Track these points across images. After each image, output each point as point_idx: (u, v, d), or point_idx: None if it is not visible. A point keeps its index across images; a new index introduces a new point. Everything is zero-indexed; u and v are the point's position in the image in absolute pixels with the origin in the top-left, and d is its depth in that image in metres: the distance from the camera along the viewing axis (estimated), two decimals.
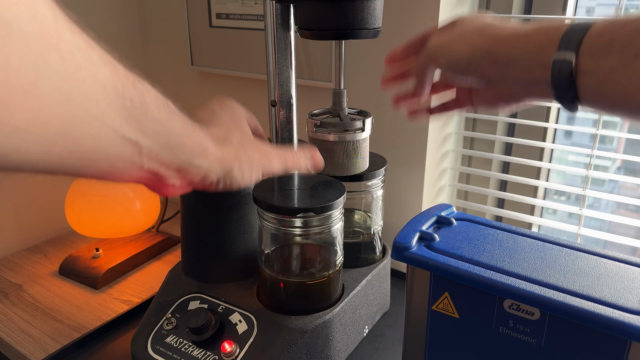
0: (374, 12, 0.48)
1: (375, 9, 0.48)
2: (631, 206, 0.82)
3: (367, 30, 0.48)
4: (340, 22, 0.48)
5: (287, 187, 0.59)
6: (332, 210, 0.55)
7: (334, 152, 0.58)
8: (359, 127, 0.58)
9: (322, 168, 0.48)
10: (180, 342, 0.59)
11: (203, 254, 0.65)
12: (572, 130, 0.81)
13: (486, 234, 0.51)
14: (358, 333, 0.67)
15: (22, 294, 0.80)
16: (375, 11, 0.49)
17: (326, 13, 0.47)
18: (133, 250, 0.88)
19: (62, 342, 0.68)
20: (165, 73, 1.10)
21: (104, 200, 0.83)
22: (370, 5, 0.47)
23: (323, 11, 0.47)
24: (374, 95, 0.82)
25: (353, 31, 0.48)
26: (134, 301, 0.78)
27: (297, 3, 0.51)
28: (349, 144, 0.58)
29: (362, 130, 0.58)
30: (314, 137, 0.59)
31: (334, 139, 0.58)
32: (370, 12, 0.48)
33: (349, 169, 0.60)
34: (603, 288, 0.41)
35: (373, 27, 0.49)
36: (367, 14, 0.47)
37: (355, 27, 0.48)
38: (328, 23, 0.48)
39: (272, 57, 0.55)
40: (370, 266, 0.69)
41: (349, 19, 0.48)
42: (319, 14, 0.48)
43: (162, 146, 0.33)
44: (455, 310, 0.47)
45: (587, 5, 0.77)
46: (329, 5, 0.47)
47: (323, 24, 0.48)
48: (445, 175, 0.88)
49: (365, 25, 0.48)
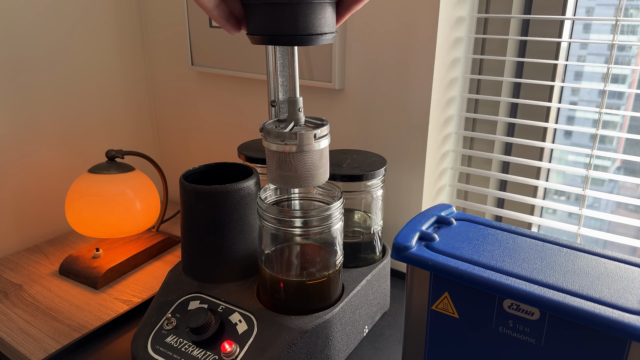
0: (316, 18, 0.45)
1: (313, 14, 0.45)
2: (631, 206, 0.82)
3: (314, 36, 0.45)
4: (286, 28, 0.45)
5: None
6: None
7: (270, 161, 0.55)
8: (291, 140, 0.52)
9: None
10: (180, 342, 0.59)
11: (203, 254, 0.65)
12: (571, 130, 0.81)
13: (486, 234, 0.51)
14: (358, 333, 0.67)
15: (22, 294, 0.80)
16: (312, 17, 0.45)
17: (269, 17, 0.45)
18: (133, 250, 0.88)
19: (62, 342, 0.68)
20: (165, 73, 1.10)
21: (104, 200, 0.83)
22: (309, 10, 0.45)
23: (266, 16, 0.45)
24: (374, 95, 0.82)
25: (296, 37, 0.45)
26: (134, 301, 0.78)
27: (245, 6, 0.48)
28: (281, 155, 0.53)
29: (295, 144, 0.53)
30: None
31: (267, 146, 0.54)
32: (312, 17, 0.45)
33: (286, 182, 0.54)
34: (603, 288, 0.41)
35: (320, 32, 0.45)
36: (308, 19, 0.44)
37: (300, 33, 0.45)
38: (272, 28, 0.45)
39: (272, 57, 0.55)
40: (370, 266, 0.70)
41: (293, 24, 0.45)
42: (263, 19, 0.45)
43: None
44: (455, 310, 0.47)
45: (587, 5, 0.78)
46: (272, 10, 0.44)
47: (269, 29, 0.46)
48: (445, 175, 0.88)
49: (310, 31, 0.45)
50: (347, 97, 0.85)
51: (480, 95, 0.84)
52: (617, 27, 0.68)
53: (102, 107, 1.06)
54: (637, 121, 0.80)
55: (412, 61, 0.76)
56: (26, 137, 0.94)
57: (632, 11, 0.76)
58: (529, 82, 0.79)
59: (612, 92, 0.72)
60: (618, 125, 0.85)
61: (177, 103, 1.12)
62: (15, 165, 0.93)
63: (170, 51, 1.07)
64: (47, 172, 0.98)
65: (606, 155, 0.74)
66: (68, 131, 1.00)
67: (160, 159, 1.21)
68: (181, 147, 1.16)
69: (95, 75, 1.03)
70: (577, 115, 0.87)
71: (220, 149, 1.08)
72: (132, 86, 1.10)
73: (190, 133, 1.12)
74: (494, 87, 0.84)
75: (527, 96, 0.82)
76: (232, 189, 0.62)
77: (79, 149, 1.02)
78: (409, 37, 0.76)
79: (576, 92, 0.88)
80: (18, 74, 0.90)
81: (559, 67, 0.79)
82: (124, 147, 1.10)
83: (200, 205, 0.63)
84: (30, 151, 0.95)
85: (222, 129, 1.06)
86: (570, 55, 0.80)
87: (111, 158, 0.86)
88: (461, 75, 0.83)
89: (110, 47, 1.04)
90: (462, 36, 0.80)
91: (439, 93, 0.78)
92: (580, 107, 0.81)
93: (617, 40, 0.69)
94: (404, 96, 0.79)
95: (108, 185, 0.84)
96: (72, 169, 1.00)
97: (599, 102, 0.72)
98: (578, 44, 0.80)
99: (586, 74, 0.84)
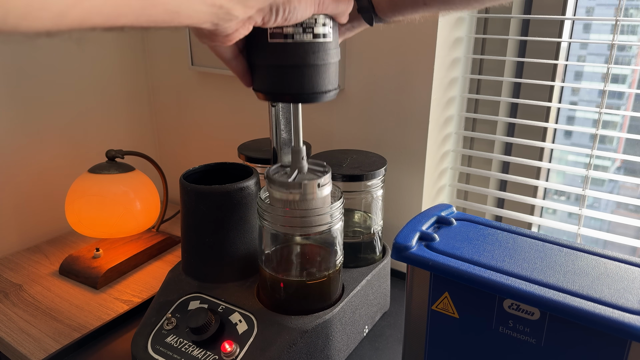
0: (322, 77, 0.47)
1: (319, 74, 0.47)
2: (631, 206, 0.82)
3: (317, 94, 0.47)
4: (291, 88, 0.47)
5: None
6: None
7: (274, 207, 0.56)
8: (295, 189, 0.54)
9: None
10: (180, 342, 0.59)
11: (203, 254, 0.65)
12: (571, 130, 0.81)
13: (486, 234, 0.51)
14: (358, 333, 0.67)
15: (22, 294, 0.80)
16: (318, 77, 0.47)
17: (276, 77, 0.46)
18: (133, 250, 0.88)
19: (62, 342, 0.68)
20: (165, 73, 1.10)
21: (104, 200, 0.83)
22: (315, 72, 0.46)
23: (273, 76, 0.47)
24: (374, 95, 0.82)
25: (302, 95, 0.47)
26: (134, 301, 0.78)
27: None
28: (285, 203, 0.55)
29: (299, 193, 0.54)
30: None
31: (271, 194, 0.56)
32: (318, 77, 0.47)
33: (290, 227, 0.57)
34: (603, 288, 0.41)
35: (325, 90, 0.47)
36: (313, 79, 0.46)
37: (306, 92, 0.46)
38: (279, 88, 0.47)
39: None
40: (370, 266, 0.70)
41: (299, 84, 0.46)
42: (269, 78, 0.47)
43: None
44: (455, 310, 0.47)
45: (587, 5, 0.78)
46: (278, 71, 0.46)
47: (275, 89, 0.47)
48: (445, 175, 0.88)
49: (315, 90, 0.47)
50: (347, 97, 0.85)
51: (480, 95, 0.84)
52: (617, 27, 0.68)
53: (102, 107, 1.06)
54: (637, 121, 0.80)
55: (412, 61, 0.76)
56: (26, 137, 0.94)
57: (632, 11, 0.76)
58: (529, 82, 0.79)
59: (612, 92, 0.72)
60: (618, 125, 0.85)
61: (177, 103, 1.12)
62: (15, 165, 0.93)
63: (171, 51, 1.07)
64: (47, 172, 0.98)
65: (606, 155, 0.74)
66: (68, 131, 1.00)
67: (160, 159, 1.21)
68: (181, 147, 1.16)
69: (96, 75, 1.03)
70: (577, 115, 0.87)
71: (220, 149, 1.08)
72: (132, 86, 1.10)
73: (190, 133, 1.12)
74: (494, 87, 0.84)
75: (527, 96, 0.82)
76: (232, 189, 0.62)
77: (79, 149, 1.02)
78: (408, 36, 0.76)
79: (576, 92, 0.88)
80: (19, 75, 0.90)
81: (559, 67, 0.79)
82: (124, 147, 1.09)
83: (200, 205, 0.63)
84: (30, 151, 0.95)
85: (222, 129, 1.06)
86: (570, 55, 0.80)
87: (111, 158, 0.86)
88: (461, 75, 0.83)
89: (110, 47, 1.04)
90: (462, 36, 0.80)
91: (439, 93, 0.78)
92: (580, 107, 0.81)
93: (617, 40, 0.69)
94: (404, 96, 0.79)
95: (108, 185, 0.84)
96: (72, 169, 1.00)
97: (599, 102, 0.72)
98: (578, 44, 0.80)
99: (586, 74, 0.84)
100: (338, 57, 0.48)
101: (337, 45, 0.47)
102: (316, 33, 0.44)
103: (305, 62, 0.45)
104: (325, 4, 0.41)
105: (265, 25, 0.38)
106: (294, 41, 0.43)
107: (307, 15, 0.40)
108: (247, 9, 0.35)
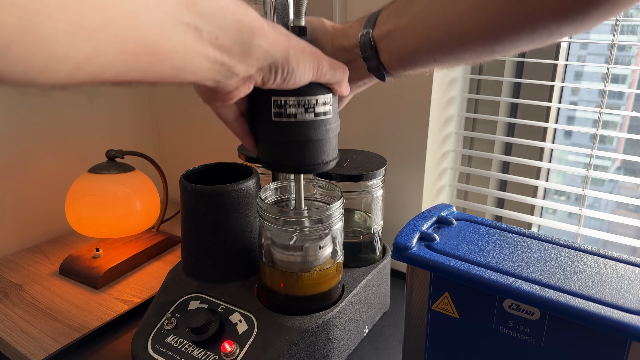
0: (319, 151, 0.49)
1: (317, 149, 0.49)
2: (631, 206, 0.82)
3: (317, 165, 0.49)
4: (291, 161, 0.49)
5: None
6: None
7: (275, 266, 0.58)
8: (297, 251, 0.56)
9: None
10: (180, 342, 0.59)
11: (203, 254, 0.65)
12: (571, 130, 0.81)
13: (486, 234, 0.51)
14: (358, 333, 0.67)
15: (22, 294, 0.80)
16: (316, 151, 0.49)
17: (278, 152, 0.49)
18: (133, 250, 0.88)
19: (62, 342, 0.68)
20: None
21: (104, 200, 0.83)
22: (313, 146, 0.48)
23: (275, 150, 0.49)
24: (374, 94, 0.82)
25: (303, 167, 0.49)
26: (134, 301, 0.78)
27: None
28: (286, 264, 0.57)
29: (300, 255, 0.57)
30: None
31: (273, 254, 0.58)
32: (316, 151, 0.49)
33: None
34: (603, 288, 0.41)
35: (325, 161, 0.50)
36: (314, 153, 0.48)
37: (307, 165, 0.49)
38: (282, 160, 0.49)
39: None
40: (370, 266, 0.70)
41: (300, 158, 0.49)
42: (271, 152, 0.49)
43: (221, 28, 0.33)
44: (455, 310, 0.47)
45: None
46: (281, 146, 0.48)
47: (277, 161, 0.49)
48: (445, 175, 0.88)
49: (316, 162, 0.49)
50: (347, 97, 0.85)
51: (480, 95, 0.84)
52: (617, 27, 0.68)
53: (102, 107, 1.06)
54: (637, 121, 0.80)
55: None
56: (26, 137, 0.94)
57: (632, 11, 0.76)
58: (529, 82, 0.79)
59: (612, 92, 0.72)
60: (618, 125, 0.85)
61: (177, 103, 1.12)
62: (15, 165, 0.93)
63: None
64: (47, 172, 0.98)
65: (606, 155, 0.74)
66: (68, 131, 1.00)
67: (160, 159, 1.21)
68: (181, 147, 1.16)
69: None
70: (577, 115, 0.87)
71: (220, 149, 1.08)
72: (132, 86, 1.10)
73: (190, 133, 1.12)
74: (494, 87, 0.84)
75: (527, 96, 0.82)
76: (232, 189, 0.62)
77: (79, 149, 1.02)
78: None
79: (576, 92, 0.88)
80: None
81: (559, 67, 0.79)
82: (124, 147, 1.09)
83: (200, 205, 0.62)
84: (30, 151, 0.95)
85: (222, 129, 1.06)
86: (570, 55, 0.81)
87: (111, 158, 0.86)
88: (461, 75, 0.83)
89: None
90: None
91: (439, 93, 0.78)
92: (580, 107, 0.81)
93: (617, 40, 0.69)
94: (404, 96, 0.79)
95: (108, 185, 0.84)
96: (72, 169, 1.00)
97: (599, 102, 0.72)
98: (578, 44, 0.80)
99: (586, 74, 0.84)
100: (338, 130, 0.50)
101: (337, 119, 0.50)
102: (317, 112, 0.46)
103: (307, 138, 0.47)
104: (323, 71, 0.43)
105: (265, 85, 0.40)
106: (296, 120, 0.46)
107: (305, 80, 0.41)
108: (248, 67, 0.36)
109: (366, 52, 0.46)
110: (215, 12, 0.32)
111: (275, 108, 0.46)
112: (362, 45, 0.46)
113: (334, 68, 0.44)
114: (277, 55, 0.37)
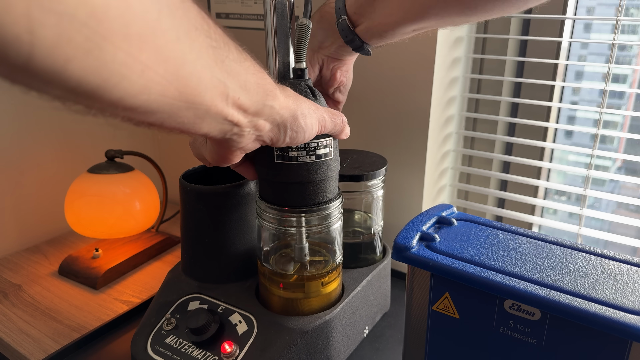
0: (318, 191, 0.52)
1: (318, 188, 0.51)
2: (632, 206, 0.82)
3: (318, 204, 0.52)
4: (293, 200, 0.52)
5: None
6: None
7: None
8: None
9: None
10: (180, 343, 0.59)
11: (203, 254, 0.64)
12: (572, 130, 0.81)
13: (487, 234, 0.51)
14: (358, 333, 0.67)
15: (22, 294, 0.80)
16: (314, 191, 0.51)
17: (285, 192, 0.51)
18: (133, 251, 0.88)
19: (62, 342, 0.68)
20: None
21: (104, 200, 0.83)
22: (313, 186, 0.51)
23: (277, 190, 0.51)
24: (374, 94, 0.82)
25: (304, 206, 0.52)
26: (133, 301, 0.77)
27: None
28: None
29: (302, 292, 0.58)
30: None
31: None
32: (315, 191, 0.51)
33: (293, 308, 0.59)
34: (604, 288, 0.41)
35: (326, 199, 0.52)
36: (315, 192, 0.51)
37: (307, 204, 0.51)
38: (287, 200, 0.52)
39: (272, 56, 0.55)
40: (370, 266, 0.69)
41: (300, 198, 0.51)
42: (274, 192, 0.52)
43: (242, 88, 0.34)
44: (456, 311, 0.47)
45: (587, 5, 0.77)
46: (283, 186, 0.51)
47: (279, 200, 0.52)
48: (446, 175, 0.88)
49: (317, 201, 0.52)
50: (347, 97, 0.85)
51: (480, 95, 0.84)
52: (617, 27, 0.68)
53: None
54: (637, 121, 0.79)
55: (413, 60, 0.76)
56: (26, 137, 0.93)
57: (632, 11, 0.76)
58: (530, 82, 0.79)
59: (613, 91, 0.72)
60: (619, 125, 0.85)
61: None
62: (14, 165, 0.93)
63: None
64: (46, 172, 0.98)
65: (607, 155, 0.74)
66: (68, 131, 1.00)
67: (160, 159, 1.21)
68: (181, 147, 1.16)
69: None
70: (577, 115, 0.87)
71: None
72: None
73: None
74: (495, 86, 0.84)
75: (528, 96, 0.82)
76: (232, 189, 0.62)
77: (79, 149, 1.02)
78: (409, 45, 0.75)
79: (577, 92, 0.88)
80: None
81: (559, 66, 0.79)
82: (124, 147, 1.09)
83: (200, 205, 0.62)
84: (29, 151, 0.94)
85: None
86: (571, 55, 0.80)
87: (111, 158, 0.86)
88: (462, 75, 0.83)
89: None
90: (463, 35, 0.80)
91: (440, 93, 0.78)
92: (581, 106, 0.81)
93: (617, 39, 0.69)
94: (405, 96, 0.79)
95: (108, 185, 0.83)
96: (72, 169, 1.00)
97: (599, 101, 0.72)
98: (579, 44, 0.80)
99: (587, 74, 0.84)
100: (338, 169, 0.53)
101: (337, 159, 0.52)
102: (318, 154, 0.49)
103: (308, 179, 0.49)
104: (326, 125, 0.46)
105: (273, 145, 0.42)
106: (297, 162, 0.48)
107: (311, 137, 0.44)
108: (258, 126, 0.38)
109: (347, 36, 0.52)
110: (239, 73, 0.33)
111: (277, 151, 0.48)
112: (342, 32, 0.52)
113: (334, 120, 0.47)
114: (286, 115, 0.39)
